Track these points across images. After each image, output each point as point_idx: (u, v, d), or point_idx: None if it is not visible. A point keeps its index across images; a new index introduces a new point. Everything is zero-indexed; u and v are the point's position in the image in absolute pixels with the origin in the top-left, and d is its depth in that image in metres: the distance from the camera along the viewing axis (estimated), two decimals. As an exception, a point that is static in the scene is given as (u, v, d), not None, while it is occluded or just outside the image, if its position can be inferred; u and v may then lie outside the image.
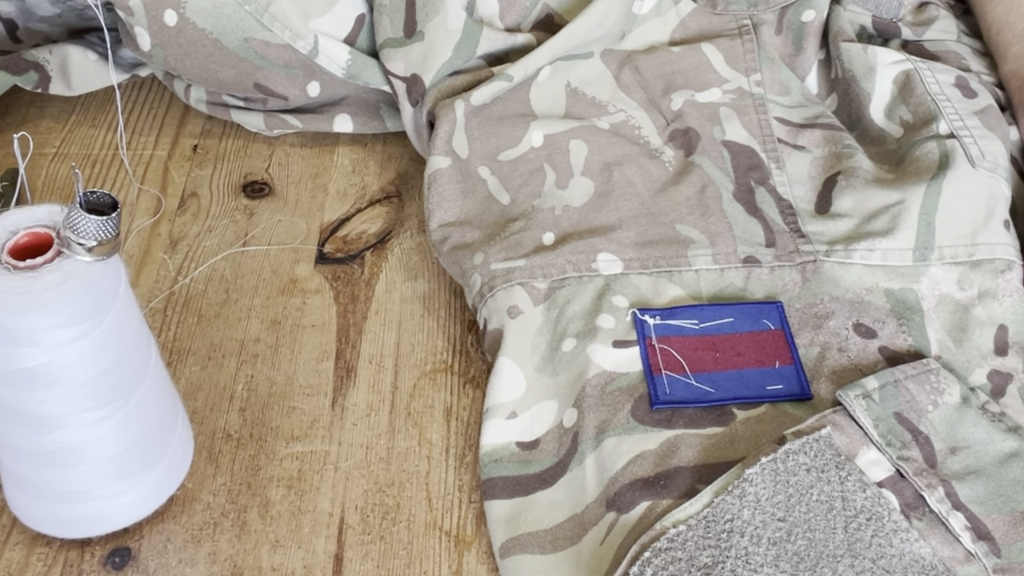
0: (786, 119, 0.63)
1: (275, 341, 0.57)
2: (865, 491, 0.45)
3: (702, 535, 0.44)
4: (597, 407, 0.50)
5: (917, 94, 0.62)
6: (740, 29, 0.68)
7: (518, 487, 0.49)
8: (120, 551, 0.48)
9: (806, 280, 0.55)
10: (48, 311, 0.40)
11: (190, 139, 0.70)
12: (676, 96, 0.64)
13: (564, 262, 0.55)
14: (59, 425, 0.44)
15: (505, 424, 0.51)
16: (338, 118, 0.68)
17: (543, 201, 0.58)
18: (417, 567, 0.48)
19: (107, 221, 0.41)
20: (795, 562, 0.43)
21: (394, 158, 0.68)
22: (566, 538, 0.47)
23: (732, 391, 0.50)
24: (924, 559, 0.44)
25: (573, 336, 0.52)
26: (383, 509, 0.50)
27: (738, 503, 0.44)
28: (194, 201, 0.65)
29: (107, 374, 0.43)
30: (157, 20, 0.62)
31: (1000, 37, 0.65)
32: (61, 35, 0.71)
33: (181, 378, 0.55)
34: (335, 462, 0.52)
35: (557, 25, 0.66)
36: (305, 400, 0.54)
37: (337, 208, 0.64)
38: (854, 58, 0.65)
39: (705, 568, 0.43)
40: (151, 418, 0.46)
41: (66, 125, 0.71)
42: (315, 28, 0.63)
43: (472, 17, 0.64)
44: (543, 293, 0.54)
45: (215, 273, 0.61)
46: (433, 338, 0.57)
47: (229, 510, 0.50)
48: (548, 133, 0.61)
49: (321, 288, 0.60)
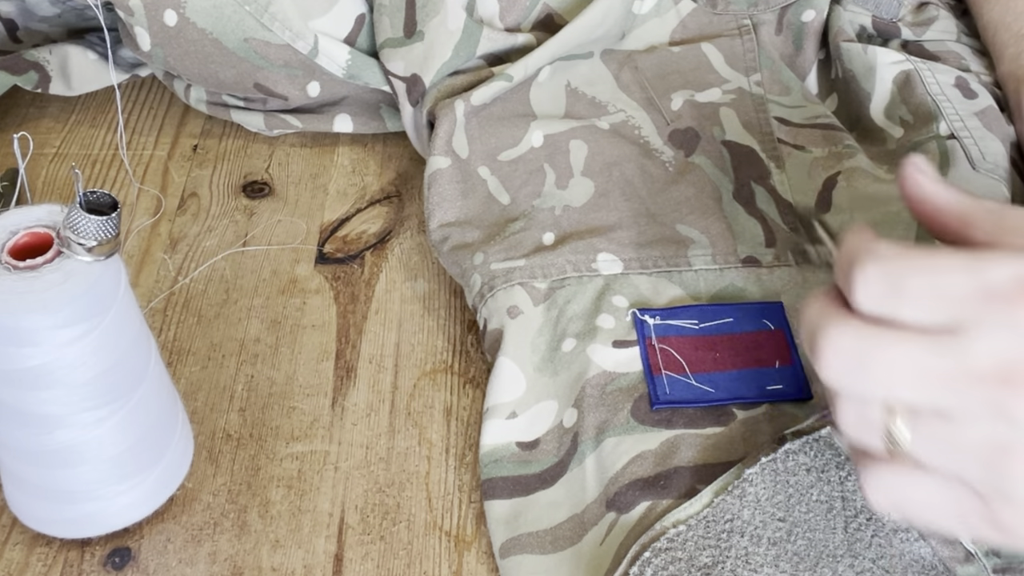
0: (786, 119, 0.63)
1: (275, 341, 0.57)
2: (865, 491, 0.45)
3: (702, 535, 0.44)
4: (597, 407, 0.50)
5: (917, 94, 0.62)
6: (740, 29, 0.68)
7: (518, 487, 0.49)
8: (120, 551, 0.48)
9: (806, 280, 0.55)
10: (48, 311, 0.40)
11: (190, 139, 0.70)
12: (676, 96, 0.64)
13: (564, 262, 0.55)
14: (59, 425, 0.44)
15: (505, 424, 0.51)
16: (338, 118, 0.68)
17: (543, 201, 0.58)
18: (417, 567, 0.48)
19: (107, 221, 0.41)
20: (795, 562, 0.43)
21: (394, 158, 0.68)
22: (566, 538, 0.47)
23: (732, 391, 0.50)
24: (924, 559, 0.44)
25: (573, 336, 0.52)
26: (383, 509, 0.50)
27: (738, 503, 0.44)
28: (194, 201, 0.65)
29: (107, 374, 0.43)
30: (157, 20, 0.62)
31: (996, 38, 0.65)
32: (61, 35, 0.71)
33: (181, 378, 0.55)
34: (335, 462, 0.52)
35: (557, 25, 0.66)
36: (305, 400, 0.54)
37: (337, 208, 0.65)
38: (854, 58, 0.65)
39: (705, 568, 0.43)
40: (151, 418, 0.46)
41: (66, 125, 0.71)
42: (315, 28, 0.63)
43: (472, 17, 0.64)
44: (543, 293, 0.54)
45: (215, 273, 0.61)
46: (433, 338, 0.57)
47: (229, 510, 0.50)
48: (548, 133, 0.61)
49: (321, 288, 0.60)
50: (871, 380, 0.36)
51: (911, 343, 0.35)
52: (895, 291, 0.35)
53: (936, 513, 0.37)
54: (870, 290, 0.35)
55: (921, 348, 0.35)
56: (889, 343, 0.35)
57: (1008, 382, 0.33)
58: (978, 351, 0.34)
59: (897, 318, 0.35)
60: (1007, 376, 0.33)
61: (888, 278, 0.35)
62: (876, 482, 0.38)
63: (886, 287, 0.35)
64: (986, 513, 0.35)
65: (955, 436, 0.35)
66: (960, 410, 0.35)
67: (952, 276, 0.34)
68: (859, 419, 0.37)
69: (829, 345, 0.36)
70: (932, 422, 0.35)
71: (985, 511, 0.35)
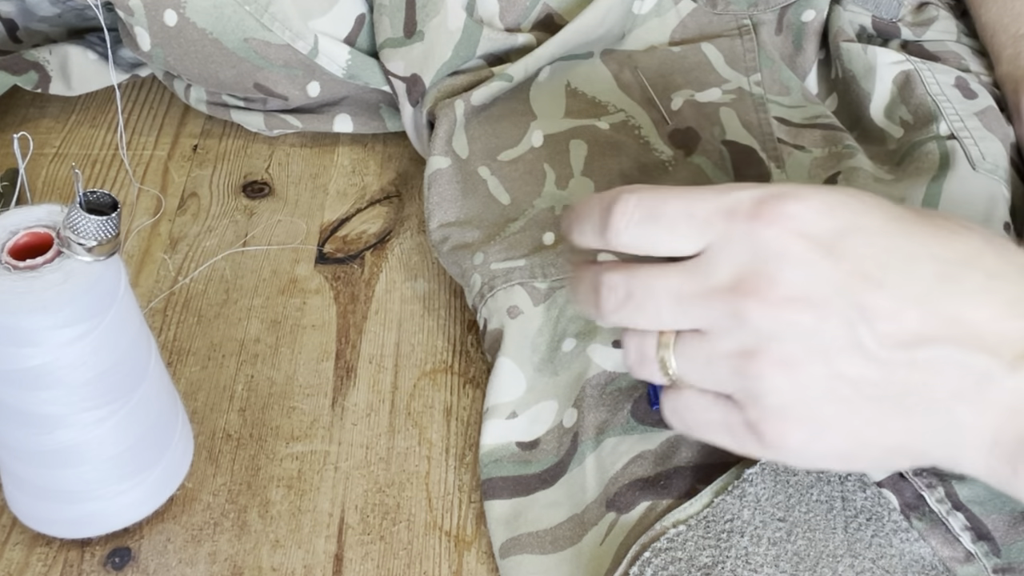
0: (786, 119, 0.63)
1: (275, 341, 0.57)
2: (865, 491, 0.45)
3: (702, 535, 0.44)
4: (597, 407, 0.50)
5: (917, 95, 0.62)
6: (740, 29, 0.68)
7: (518, 487, 0.49)
8: (120, 551, 0.48)
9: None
10: (48, 311, 0.40)
11: (190, 139, 0.70)
12: (676, 96, 0.64)
13: (564, 262, 0.55)
14: (59, 425, 0.44)
15: (505, 424, 0.51)
16: (338, 118, 0.68)
17: (543, 201, 0.58)
18: (417, 567, 0.48)
19: (107, 221, 0.41)
20: (795, 562, 0.43)
21: (394, 158, 0.68)
22: (566, 538, 0.47)
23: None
24: (924, 559, 0.44)
25: (573, 336, 0.52)
26: (383, 509, 0.50)
27: (738, 503, 0.45)
28: (194, 201, 0.65)
29: (107, 374, 0.43)
30: (157, 20, 0.62)
31: (994, 40, 0.65)
32: (61, 35, 0.71)
33: (181, 378, 0.55)
34: (335, 462, 0.52)
35: (557, 25, 0.66)
36: (305, 400, 0.54)
37: (337, 208, 0.65)
38: (854, 58, 0.65)
39: (705, 568, 0.43)
40: (151, 418, 0.46)
41: (66, 125, 0.71)
42: (315, 28, 0.63)
43: (472, 17, 0.64)
44: (543, 293, 0.54)
45: (215, 273, 0.61)
46: (433, 338, 0.57)
47: (229, 510, 0.50)
48: (548, 133, 0.61)
49: (321, 288, 0.60)
50: (641, 313, 0.39)
51: (669, 271, 0.38)
52: (652, 216, 0.38)
53: (713, 430, 0.40)
54: (630, 218, 0.38)
55: (677, 274, 0.38)
56: (652, 274, 0.38)
57: (742, 291, 0.37)
58: (719, 267, 0.37)
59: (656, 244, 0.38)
60: (742, 286, 0.37)
61: (646, 205, 0.38)
62: (667, 405, 0.41)
63: (644, 213, 0.38)
64: (747, 423, 0.38)
65: (710, 352, 0.38)
66: (709, 325, 0.38)
67: (702, 201, 0.38)
68: (639, 356, 0.40)
69: (600, 285, 0.40)
70: (692, 342, 0.38)
71: (746, 421, 0.38)
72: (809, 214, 0.37)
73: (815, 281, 0.36)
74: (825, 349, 0.36)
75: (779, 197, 0.37)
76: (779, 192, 0.37)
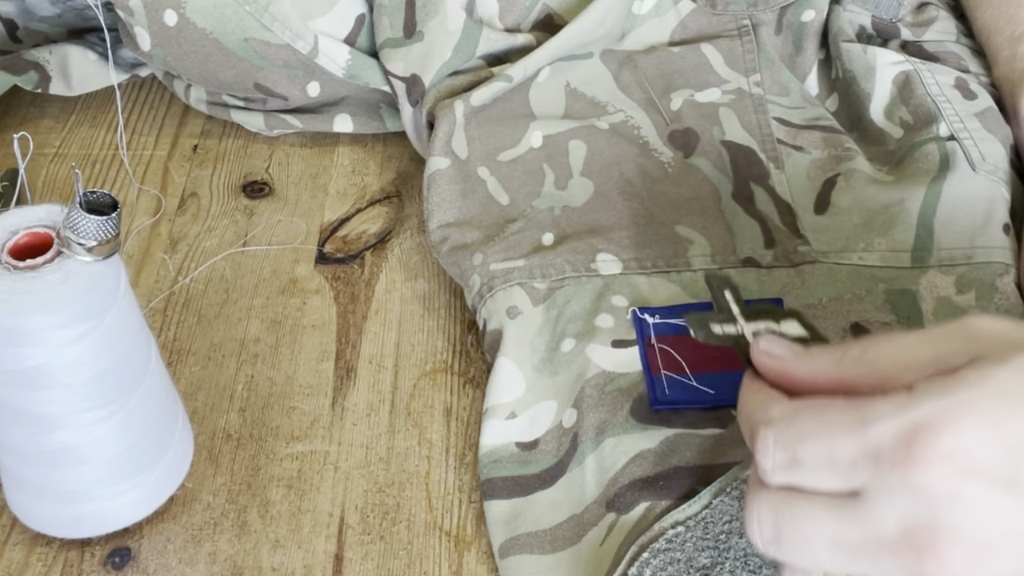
0: (785, 120, 0.63)
1: (275, 341, 0.57)
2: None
3: (701, 536, 0.44)
4: (596, 407, 0.50)
5: (917, 95, 0.62)
6: (740, 29, 0.68)
7: (518, 487, 0.49)
8: (120, 551, 0.48)
9: (804, 281, 0.55)
10: (48, 311, 0.40)
11: (190, 139, 0.70)
12: (676, 96, 0.64)
13: (563, 262, 0.55)
14: (59, 425, 0.44)
15: (505, 424, 0.51)
16: (338, 118, 0.68)
17: (542, 201, 0.58)
18: (417, 567, 0.48)
19: (107, 221, 0.41)
20: (794, 563, 0.43)
21: (394, 158, 0.68)
22: (566, 538, 0.47)
23: (732, 392, 0.50)
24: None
25: (572, 336, 0.52)
26: (383, 509, 0.50)
27: (737, 505, 0.45)
28: (194, 201, 0.65)
29: (107, 374, 0.43)
30: (157, 20, 0.62)
31: (990, 42, 0.65)
32: (61, 35, 0.71)
33: (181, 378, 0.55)
34: (335, 462, 0.52)
35: (557, 25, 0.66)
36: (305, 400, 0.54)
37: (337, 208, 0.65)
38: (854, 58, 0.65)
39: (704, 569, 0.43)
40: (151, 418, 0.47)
41: (66, 125, 0.71)
42: (315, 28, 0.63)
43: (472, 17, 0.64)
44: (542, 293, 0.54)
45: (215, 273, 0.61)
46: (433, 338, 0.57)
47: (229, 510, 0.50)
48: (547, 133, 0.61)
49: (321, 288, 0.60)
50: (795, 553, 0.36)
51: (822, 514, 0.35)
52: (794, 461, 0.36)
53: None
54: (772, 461, 0.36)
55: (831, 518, 0.35)
56: (802, 516, 0.36)
57: (917, 546, 0.33)
58: (881, 518, 0.34)
59: (803, 486, 0.36)
60: (915, 538, 0.33)
61: (785, 449, 0.36)
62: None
63: (785, 458, 0.36)
64: None
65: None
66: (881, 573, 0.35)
67: (840, 442, 0.35)
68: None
69: (752, 519, 0.37)
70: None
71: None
72: (970, 444, 0.32)
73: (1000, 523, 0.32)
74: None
75: (928, 432, 0.32)
76: (924, 423, 0.33)
